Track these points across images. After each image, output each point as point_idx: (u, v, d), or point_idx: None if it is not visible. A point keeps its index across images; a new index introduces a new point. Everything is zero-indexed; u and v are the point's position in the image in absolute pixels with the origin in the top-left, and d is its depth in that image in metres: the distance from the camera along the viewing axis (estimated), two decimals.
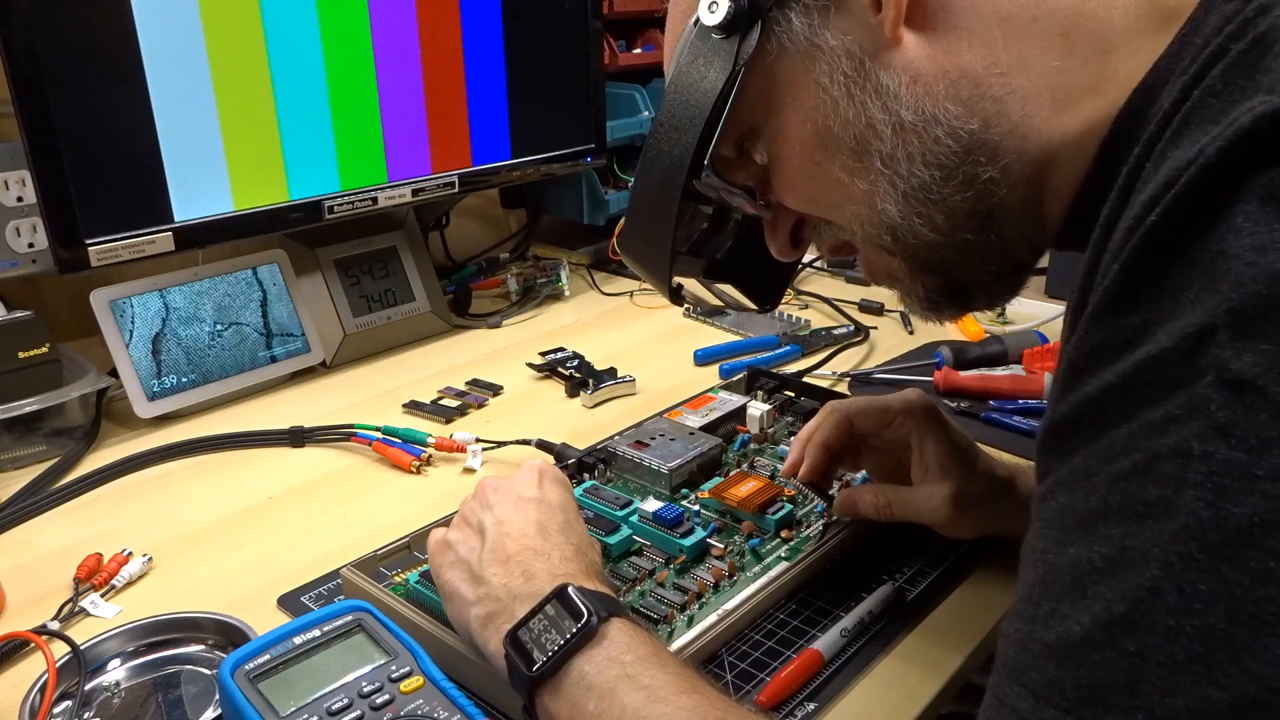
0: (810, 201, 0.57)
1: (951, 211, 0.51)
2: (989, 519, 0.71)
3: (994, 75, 0.48)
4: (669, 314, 1.34)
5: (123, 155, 0.94)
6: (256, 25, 1.01)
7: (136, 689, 0.64)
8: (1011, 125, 0.48)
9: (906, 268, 0.55)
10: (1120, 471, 0.36)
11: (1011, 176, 0.49)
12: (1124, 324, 0.37)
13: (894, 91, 0.49)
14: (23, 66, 0.86)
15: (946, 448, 0.70)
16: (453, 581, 0.60)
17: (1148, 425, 0.35)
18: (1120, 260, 0.38)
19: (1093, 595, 0.35)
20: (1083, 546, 0.36)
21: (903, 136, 0.50)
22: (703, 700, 0.49)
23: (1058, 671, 0.36)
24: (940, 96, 0.49)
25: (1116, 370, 0.37)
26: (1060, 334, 0.60)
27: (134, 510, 0.85)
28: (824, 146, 0.53)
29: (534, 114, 1.31)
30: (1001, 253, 0.53)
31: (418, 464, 0.90)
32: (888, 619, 0.67)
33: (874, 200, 0.52)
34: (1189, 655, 0.32)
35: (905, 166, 0.50)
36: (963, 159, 0.49)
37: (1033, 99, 0.48)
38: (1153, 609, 0.33)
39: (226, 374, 1.05)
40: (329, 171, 1.10)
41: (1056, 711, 0.35)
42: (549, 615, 0.53)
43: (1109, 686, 0.34)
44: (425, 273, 1.26)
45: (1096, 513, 0.36)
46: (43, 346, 0.94)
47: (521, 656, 0.53)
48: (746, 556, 0.72)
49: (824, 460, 0.75)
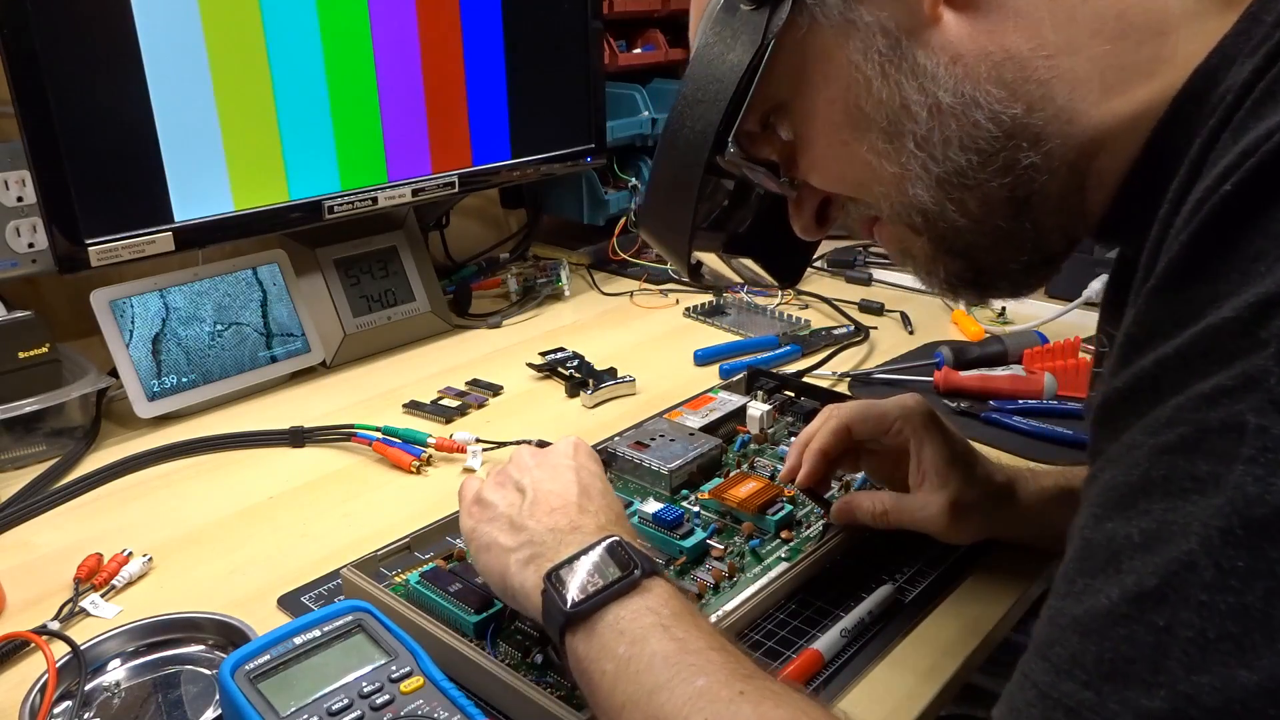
0: (837, 180, 0.55)
1: (986, 198, 0.49)
2: (987, 525, 0.71)
3: (1040, 57, 0.46)
4: (669, 314, 1.34)
5: (123, 155, 0.94)
6: (256, 25, 1.01)
7: (136, 689, 0.64)
8: (1057, 110, 0.46)
9: (931, 249, 0.54)
10: (1165, 444, 0.35)
11: (1054, 162, 0.48)
12: (1188, 296, 0.36)
13: (932, 72, 0.47)
14: (23, 66, 0.86)
15: (944, 454, 0.70)
16: (490, 533, 0.59)
17: (1197, 397, 0.34)
18: (1189, 230, 0.36)
19: (1126, 570, 0.34)
20: (1121, 522, 0.35)
21: (939, 119, 0.48)
22: (732, 659, 0.48)
23: (1080, 644, 0.35)
24: (981, 79, 0.47)
25: (1173, 343, 0.35)
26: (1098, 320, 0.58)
27: (134, 510, 0.85)
28: (854, 126, 0.51)
29: (534, 114, 1.31)
30: (1035, 242, 0.51)
31: (418, 464, 0.90)
32: (887, 620, 0.67)
33: (904, 184, 0.51)
34: (1220, 633, 0.31)
35: (940, 150, 0.48)
36: (1003, 144, 0.47)
37: (1081, 82, 0.46)
38: (1186, 583, 0.32)
39: (226, 374, 1.05)
40: (329, 171, 1.10)
41: (1075, 685, 0.34)
42: (594, 561, 0.53)
43: (1132, 661, 0.33)
44: (425, 273, 1.26)
45: (1138, 487, 0.35)
46: (43, 346, 0.94)
47: (560, 594, 0.52)
48: (746, 557, 0.72)
49: (821, 467, 0.74)
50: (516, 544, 0.57)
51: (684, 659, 0.48)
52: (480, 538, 0.60)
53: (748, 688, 0.46)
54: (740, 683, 0.46)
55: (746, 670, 0.48)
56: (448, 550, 0.71)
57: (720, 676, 0.47)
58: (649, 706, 0.47)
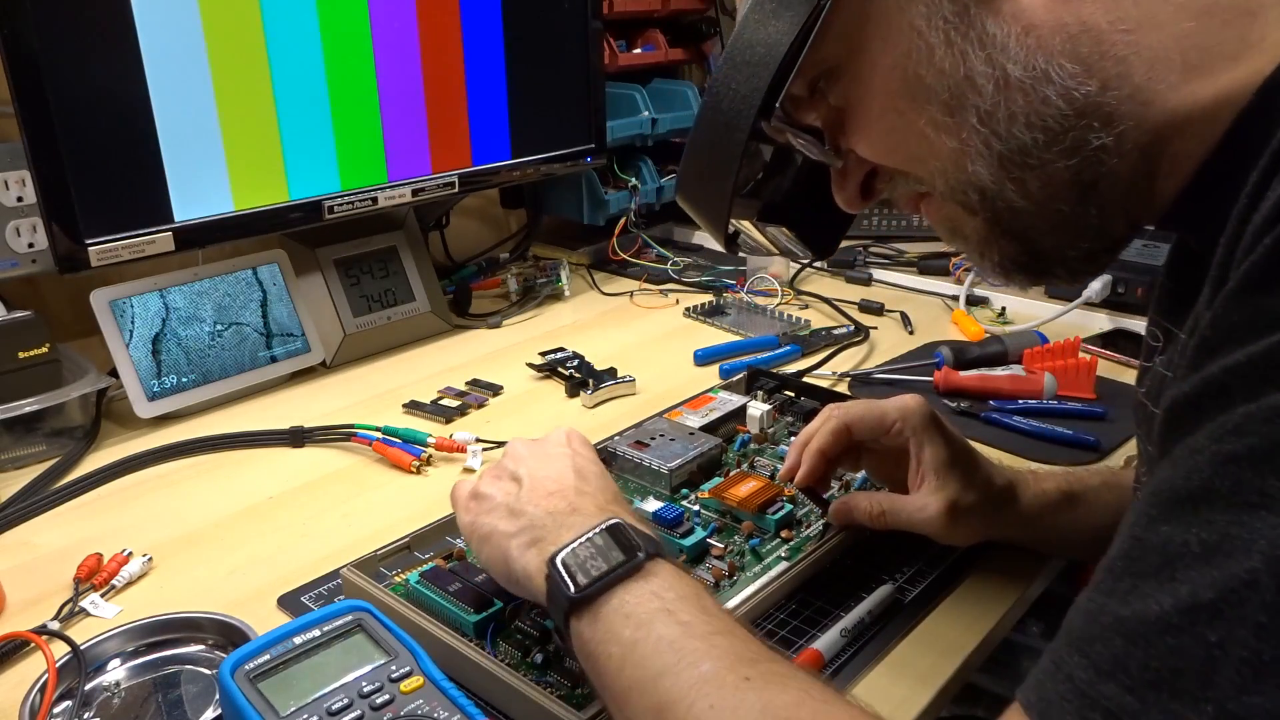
0: (888, 152, 0.53)
1: (1050, 179, 0.47)
2: (986, 527, 0.70)
3: (1119, 32, 0.43)
4: (669, 314, 1.34)
5: (123, 155, 0.94)
6: (256, 25, 1.01)
7: (136, 689, 0.64)
8: (1133, 89, 0.44)
9: (986, 230, 0.51)
10: (1232, 454, 0.34)
11: (1126, 145, 0.45)
12: (1266, 304, 0.35)
13: (1001, 42, 0.45)
14: (23, 66, 0.86)
15: (944, 456, 0.69)
16: (488, 523, 0.59)
17: (1270, 409, 0.33)
18: (1274, 234, 0.35)
19: (1181, 579, 0.33)
20: (1179, 527, 0.35)
21: (1006, 94, 0.45)
22: (738, 643, 0.48)
23: (1125, 648, 0.34)
24: (1055, 52, 0.44)
25: (1247, 350, 0.34)
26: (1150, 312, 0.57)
27: (134, 510, 0.85)
28: (912, 96, 0.48)
29: (534, 114, 1.31)
30: (1098, 228, 0.49)
31: (418, 464, 0.90)
32: (887, 619, 0.67)
33: (964, 160, 0.48)
34: (1276, 656, 0.30)
35: (1005, 127, 0.46)
36: (1073, 123, 0.45)
37: (1161, 61, 0.43)
38: (1245, 601, 0.31)
39: (226, 374, 1.05)
40: (329, 171, 1.10)
41: (1117, 688, 0.34)
42: (596, 544, 0.52)
43: (1180, 673, 0.32)
44: (425, 273, 1.26)
45: (1199, 494, 0.34)
46: (43, 346, 0.94)
47: (564, 578, 0.51)
48: (746, 556, 0.72)
49: (820, 467, 0.74)
50: (516, 529, 0.57)
51: (690, 644, 0.47)
52: (479, 529, 0.60)
53: (753, 673, 0.45)
54: (746, 668, 0.45)
55: (752, 654, 0.47)
56: (447, 550, 0.71)
57: (726, 662, 0.46)
58: (655, 691, 0.46)
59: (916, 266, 1.44)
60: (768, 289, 1.39)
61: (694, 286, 1.44)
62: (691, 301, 1.36)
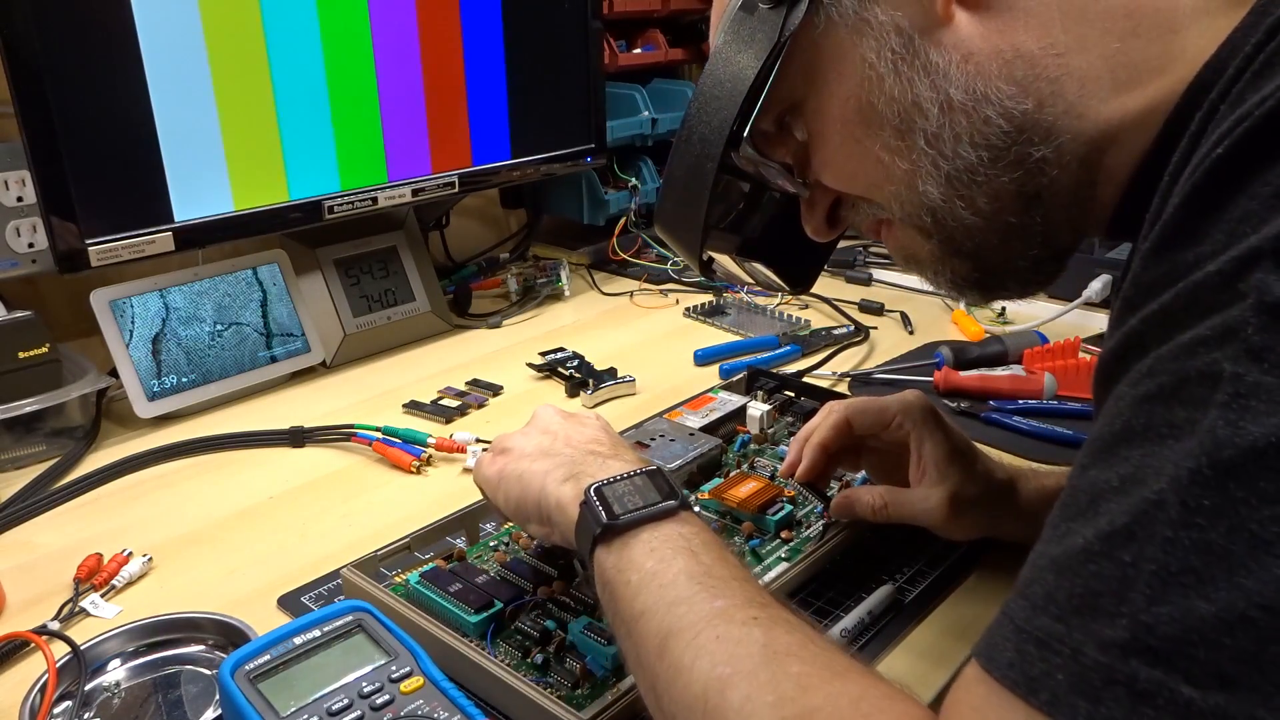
0: (849, 179, 0.56)
1: (996, 194, 0.50)
2: (987, 522, 0.71)
3: (1050, 56, 0.47)
4: (669, 314, 1.34)
5: (123, 155, 0.94)
6: (256, 25, 1.01)
7: (136, 689, 0.64)
8: (1067, 105, 0.47)
9: (940, 252, 0.55)
10: (1145, 394, 0.36)
11: (1065, 156, 0.48)
12: (1178, 259, 0.37)
13: (944, 70, 0.48)
14: (23, 66, 0.86)
15: (945, 450, 0.70)
16: (521, 465, 0.61)
17: (1177, 347, 0.35)
18: (1181, 194, 0.37)
19: (1102, 511, 0.35)
20: (1103, 468, 0.37)
21: (950, 116, 0.49)
22: (752, 588, 0.50)
23: (1055, 581, 0.36)
24: (992, 76, 0.48)
25: (1159, 299, 0.37)
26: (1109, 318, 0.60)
27: (134, 510, 0.85)
28: (866, 123, 0.52)
29: (534, 114, 1.31)
30: (1044, 236, 0.52)
31: (418, 464, 0.90)
32: (888, 619, 0.67)
33: (915, 181, 0.51)
34: (1182, 567, 0.32)
35: (951, 147, 0.49)
36: (1014, 139, 0.48)
37: (1091, 80, 0.47)
38: (1153, 520, 0.33)
39: (226, 374, 1.05)
40: (329, 171, 1.10)
41: (1049, 619, 0.35)
42: (636, 484, 0.55)
43: (1099, 594, 0.34)
44: (425, 273, 1.26)
45: (1120, 436, 0.36)
46: (43, 346, 0.94)
47: (599, 507, 0.54)
48: (746, 557, 0.72)
49: (821, 461, 0.75)
50: (554, 465, 0.59)
51: (707, 580, 0.50)
52: (509, 475, 0.62)
53: (762, 615, 0.48)
54: (756, 609, 0.48)
55: (764, 600, 0.49)
56: (448, 550, 0.71)
57: (738, 601, 0.48)
58: (667, 616, 0.48)
59: None
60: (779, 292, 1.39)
61: (694, 286, 1.44)
62: (691, 301, 1.36)
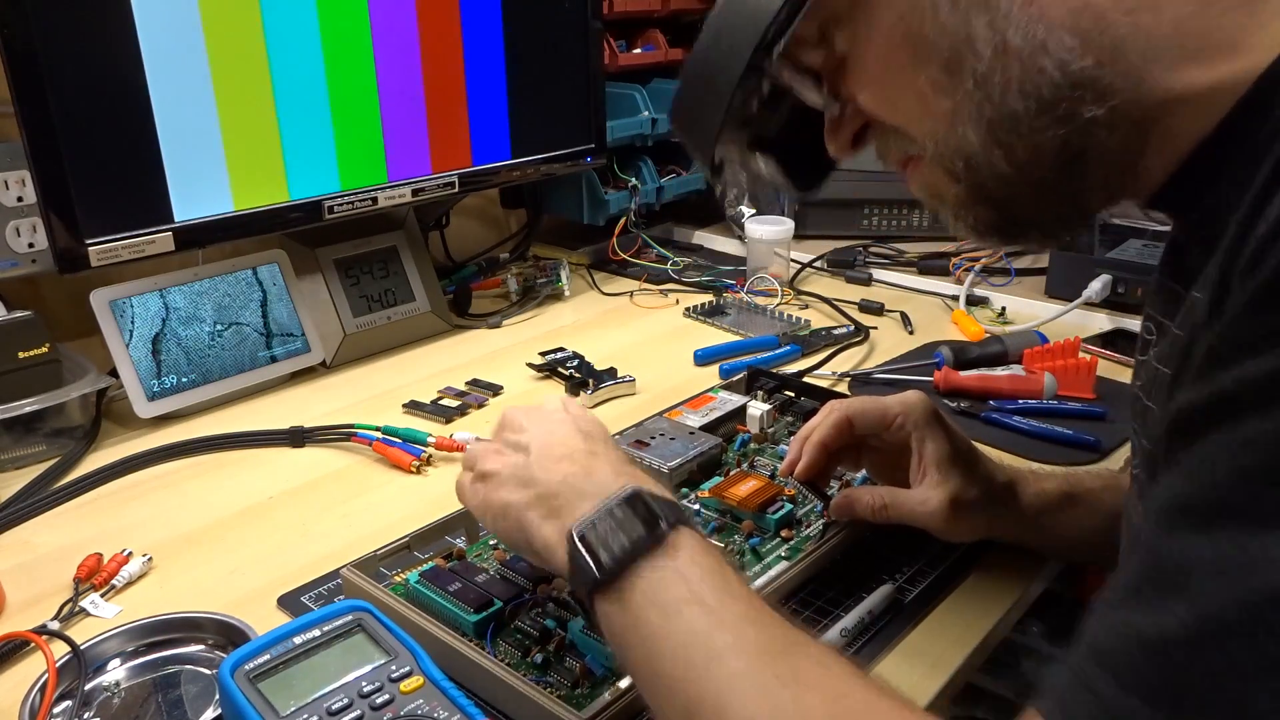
0: (887, 106, 0.53)
1: (1038, 147, 0.47)
2: (986, 524, 0.71)
3: (1119, 11, 0.44)
4: (669, 314, 1.34)
5: (123, 155, 0.94)
6: (256, 25, 1.00)
7: (136, 689, 0.64)
8: (1128, 67, 0.44)
9: (966, 197, 0.52)
10: (1247, 468, 0.34)
11: (1117, 120, 0.45)
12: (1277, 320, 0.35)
13: (1005, 9, 0.45)
14: (23, 66, 0.86)
15: (946, 451, 0.69)
16: (501, 498, 0.57)
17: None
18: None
19: (1200, 591, 0.34)
20: (1196, 539, 0.35)
21: (1004, 60, 0.46)
22: (765, 633, 0.47)
23: (1147, 662, 0.35)
24: (1056, 24, 0.44)
25: (1259, 362, 0.35)
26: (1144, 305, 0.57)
27: (134, 510, 0.85)
28: (914, 51, 0.49)
29: (534, 114, 1.31)
30: (1077, 197, 0.50)
31: (418, 464, 0.90)
32: (888, 619, 0.67)
33: (955, 122, 0.49)
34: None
35: (999, 92, 0.46)
36: (1067, 94, 0.45)
37: (1158, 44, 0.44)
38: (1266, 618, 0.32)
39: (226, 374, 1.05)
40: (329, 171, 1.10)
41: (1138, 701, 0.34)
42: (616, 517, 0.51)
43: (1204, 689, 0.33)
44: (425, 273, 1.26)
45: (1215, 506, 0.35)
46: (43, 346, 0.94)
47: (586, 557, 0.50)
48: (746, 556, 0.72)
49: (821, 459, 0.74)
50: (532, 498, 0.56)
51: (719, 636, 0.46)
52: (493, 506, 0.58)
53: (783, 670, 0.45)
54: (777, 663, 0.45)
55: (780, 644, 0.46)
56: (447, 550, 0.71)
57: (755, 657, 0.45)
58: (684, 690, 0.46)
59: (916, 266, 1.44)
60: (768, 289, 1.39)
61: (694, 286, 1.44)
62: (691, 301, 1.36)
